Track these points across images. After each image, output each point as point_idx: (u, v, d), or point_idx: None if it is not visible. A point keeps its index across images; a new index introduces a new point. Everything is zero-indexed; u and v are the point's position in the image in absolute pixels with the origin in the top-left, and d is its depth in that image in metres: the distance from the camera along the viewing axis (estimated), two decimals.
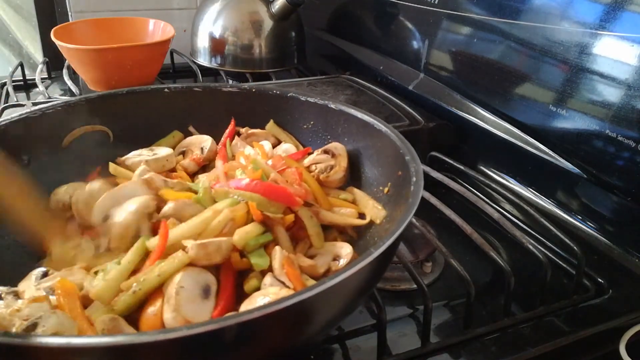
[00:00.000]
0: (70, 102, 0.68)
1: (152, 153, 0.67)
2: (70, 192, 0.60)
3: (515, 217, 0.78)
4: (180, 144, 0.72)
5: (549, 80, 0.76)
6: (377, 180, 0.63)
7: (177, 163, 0.68)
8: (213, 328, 0.34)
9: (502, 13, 0.83)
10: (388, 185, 0.60)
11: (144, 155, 0.66)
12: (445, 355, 0.54)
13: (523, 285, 0.60)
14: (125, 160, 0.66)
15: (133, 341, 0.33)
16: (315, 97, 0.70)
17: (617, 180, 0.68)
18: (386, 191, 0.60)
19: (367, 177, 0.65)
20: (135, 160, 0.65)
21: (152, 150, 0.68)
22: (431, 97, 0.98)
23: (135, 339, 0.33)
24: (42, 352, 0.33)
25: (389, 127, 0.61)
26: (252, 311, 0.35)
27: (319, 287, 0.37)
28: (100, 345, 0.33)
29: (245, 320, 0.35)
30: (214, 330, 0.34)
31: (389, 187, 0.60)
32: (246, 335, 0.36)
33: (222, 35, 1.25)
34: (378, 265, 0.46)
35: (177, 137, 0.73)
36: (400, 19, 1.09)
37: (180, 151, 0.71)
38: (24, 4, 1.52)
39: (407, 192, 0.50)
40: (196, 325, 0.34)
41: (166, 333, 0.34)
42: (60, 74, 1.21)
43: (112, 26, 1.23)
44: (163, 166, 0.66)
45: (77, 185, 0.61)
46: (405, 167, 0.54)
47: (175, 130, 0.73)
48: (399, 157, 0.56)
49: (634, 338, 0.55)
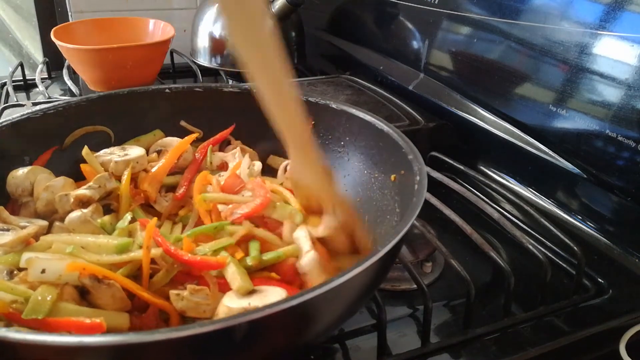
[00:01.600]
0: (71, 102, 0.68)
1: (123, 153, 0.65)
2: (31, 178, 0.60)
3: (515, 217, 0.78)
4: (157, 142, 0.71)
5: (549, 80, 0.76)
6: (380, 180, 0.63)
7: (149, 162, 0.66)
8: (214, 328, 0.34)
9: (502, 13, 0.83)
10: (391, 182, 0.61)
11: (115, 154, 0.64)
12: (445, 355, 0.53)
13: (523, 285, 0.60)
14: (97, 157, 0.65)
15: (137, 340, 0.33)
16: (317, 97, 0.70)
17: (617, 180, 0.68)
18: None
19: (369, 178, 0.65)
20: (106, 159, 0.64)
21: (124, 150, 0.66)
22: (431, 97, 0.98)
23: (140, 338, 0.33)
24: (50, 350, 0.33)
25: (391, 127, 0.60)
26: (258, 310, 0.35)
27: (326, 286, 0.37)
28: (108, 344, 0.33)
29: (251, 320, 0.35)
30: (216, 330, 0.34)
31: (392, 186, 0.60)
32: (251, 334, 0.36)
33: (222, 35, 1.25)
34: (383, 265, 0.45)
35: (158, 136, 0.72)
36: (400, 19, 1.09)
37: (156, 150, 0.70)
38: (24, 4, 1.52)
39: (410, 192, 0.50)
40: (202, 324, 0.34)
41: (172, 332, 0.34)
42: (60, 74, 1.21)
43: (112, 26, 1.23)
44: (133, 167, 0.63)
45: (38, 170, 0.61)
46: (408, 167, 0.54)
47: (157, 129, 0.72)
48: (401, 157, 0.56)
49: (634, 338, 0.55)
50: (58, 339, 0.33)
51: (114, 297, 0.46)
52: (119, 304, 0.47)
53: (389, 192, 0.61)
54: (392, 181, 0.60)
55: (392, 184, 0.60)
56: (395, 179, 0.59)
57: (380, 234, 0.59)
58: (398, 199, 0.58)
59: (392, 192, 0.60)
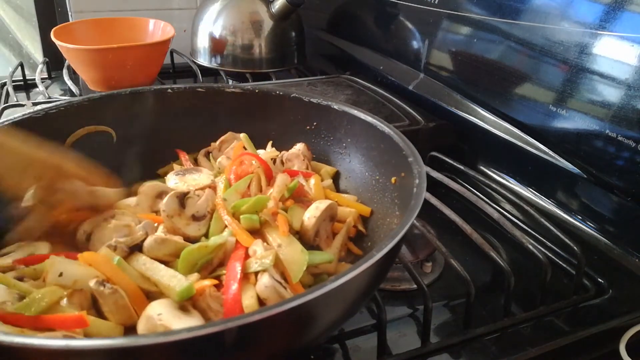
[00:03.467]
0: (73, 102, 0.67)
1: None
2: None
3: (515, 217, 0.78)
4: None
5: (549, 80, 0.76)
6: (380, 183, 0.63)
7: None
8: (213, 331, 0.34)
9: (502, 13, 0.83)
10: (392, 184, 0.61)
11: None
12: (445, 355, 0.53)
13: (523, 285, 0.60)
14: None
15: (131, 344, 0.33)
16: (319, 98, 0.70)
17: (617, 180, 0.68)
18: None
19: (370, 180, 0.65)
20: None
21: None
22: (431, 97, 0.98)
23: (135, 341, 0.33)
24: (41, 353, 0.33)
25: (392, 129, 0.61)
26: (253, 314, 0.34)
27: (323, 289, 0.36)
28: (101, 348, 0.33)
29: (246, 323, 0.34)
30: (214, 333, 0.34)
31: (392, 188, 0.60)
32: (247, 338, 0.36)
33: (222, 35, 1.25)
34: (381, 267, 0.46)
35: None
36: (400, 19, 1.09)
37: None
38: (24, 4, 1.52)
39: (410, 194, 0.50)
40: (197, 327, 0.33)
41: (167, 335, 0.33)
42: (60, 74, 1.22)
43: (112, 26, 1.23)
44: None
45: None
46: (408, 169, 0.54)
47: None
48: (402, 159, 0.56)
49: (634, 338, 0.55)
50: (45, 342, 0.33)
51: (117, 304, 0.45)
52: (122, 314, 0.46)
53: (389, 194, 0.61)
54: (392, 183, 0.60)
55: (392, 186, 0.60)
56: (396, 182, 0.59)
57: (379, 236, 0.60)
58: (398, 202, 0.58)
59: (392, 195, 0.60)
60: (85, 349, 0.33)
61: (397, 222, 0.56)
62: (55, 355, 0.33)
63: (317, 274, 0.55)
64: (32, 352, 0.33)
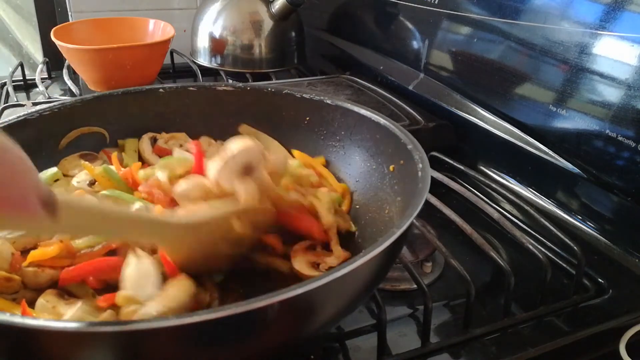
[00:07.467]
0: (66, 103, 0.67)
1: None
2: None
3: (515, 217, 0.78)
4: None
5: (549, 80, 0.76)
6: (378, 171, 0.63)
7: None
8: (217, 316, 0.34)
9: (502, 13, 0.83)
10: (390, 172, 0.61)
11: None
12: (445, 355, 0.54)
13: (523, 285, 0.60)
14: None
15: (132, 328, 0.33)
16: (311, 94, 0.70)
17: (617, 180, 0.68)
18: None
19: (367, 169, 0.65)
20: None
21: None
22: (431, 97, 0.98)
23: (134, 326, 0.33)
24: (45, 335, 0.34)
25: (386, 119, 0.61)
26: (258, 300, 0.34)
27: (328, 277, 0.37)
28: (108, 331, 0.33)
29: (252, 309, 0.34)
30: (217, 318, 0.34)
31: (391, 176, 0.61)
32: (250, 325, 0.36)
33: (222, 35, 1.25)
34: (392, 250, 0.45)
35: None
36: (400, 19, 1.09)
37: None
38: (24, 4, 1.52)
39: (411, 180, 0.51)
40: (201, 312, 0.34)
41: (168, 320, 0.33)
42: (60, 74, 1.21)
43: (112, 26, 1.23)
44: None
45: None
46: (408, 156, 0.55)
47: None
48: (400, 147, 0.57)
49: (634, 338, 0.55)
50: (52, 324, 0.33)
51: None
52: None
53: (388, 182, 0.61)
54: (390, 171, 0.60)
55: (390, 174, 0.60)
56: (394, 169, 0.60)
57: (378, 227, 0.59)
58: (398, 189, 0.58)
59: (391, 182, 0.60)
60: (94, 333, 0.33)
61: (397, 210, 0.57)
62: (66, 338, 0.34)
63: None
64: (36, 334, 0.33)
